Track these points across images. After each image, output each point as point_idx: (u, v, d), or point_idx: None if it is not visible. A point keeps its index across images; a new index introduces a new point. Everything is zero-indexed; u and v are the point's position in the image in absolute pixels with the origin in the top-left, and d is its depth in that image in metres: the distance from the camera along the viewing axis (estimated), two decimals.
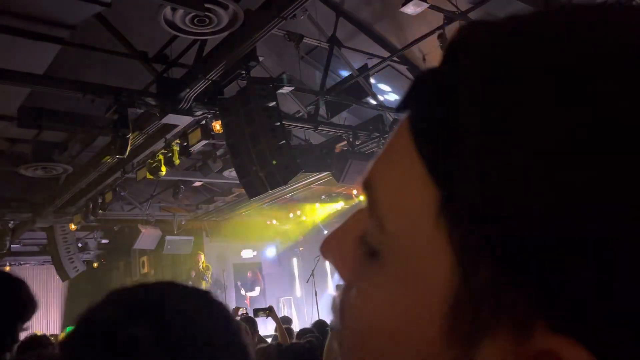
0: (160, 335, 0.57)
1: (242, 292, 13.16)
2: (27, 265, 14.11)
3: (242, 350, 0.63)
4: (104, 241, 14.07)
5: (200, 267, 12.36)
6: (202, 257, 12.51)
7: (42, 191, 9.71)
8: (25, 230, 11.14)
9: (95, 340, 0.59)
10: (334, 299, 0.32)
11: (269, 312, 4.90)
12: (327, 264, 9.33)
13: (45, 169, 7.90)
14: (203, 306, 0.64)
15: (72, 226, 10.93)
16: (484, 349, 0.24)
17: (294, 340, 3.66)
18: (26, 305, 1.37)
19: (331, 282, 12.52)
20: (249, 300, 12.83)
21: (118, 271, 14.70)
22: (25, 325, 1.37)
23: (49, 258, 12.03)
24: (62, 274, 11.45)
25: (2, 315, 1.30)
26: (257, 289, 13.06)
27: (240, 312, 5.84)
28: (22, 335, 1.44)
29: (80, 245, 12.64)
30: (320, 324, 5.39)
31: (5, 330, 1.30)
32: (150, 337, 0.56)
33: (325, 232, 13.67)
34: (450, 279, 0.25)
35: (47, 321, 14.05)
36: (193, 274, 12.18)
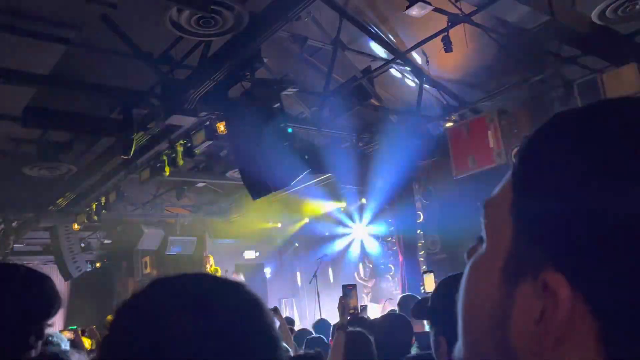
0: (206, 327, 0.59)
1: None
2: (30, 264, 14.09)
3: (273, 343, 0.65)
4: (106, 241, 14.09)
5: (208, 269, 12.34)
6: (211, 259, 12.47)
7: (46, 191, 9.74)
8: (29, 230, 11.17)
9: (142, 329, 0.60)
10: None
11: (274, 312, 4.90)
12: (329, 265, 9.35)
13: (50, 169, 7.93)
14: (242, 299, 0.67)
15: (76, 226, 10.96)
16: (520, 285, 0.41)
17: (301, 351, 3.67)
18: (52, 301, 1.37)
19: (333, 283, 12.52)
20: None
21: (120, 271, 14.71)
22: (50, 322, 1.37)
23: (51, 258, 12.05)
24: (65, 273, 11.46)
25: (29, 312, 1.29)
26: None
27: None
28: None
29: (83, 245, 12.66)
30: (321, 323, 5.35)
31: (32, 327, 1.30)
32: (196, 329, 0.59)
33: (327, 233, 13.67)
34: (509, 244, 0.42)
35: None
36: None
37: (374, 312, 8.66)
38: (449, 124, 7.69)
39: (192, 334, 0.58)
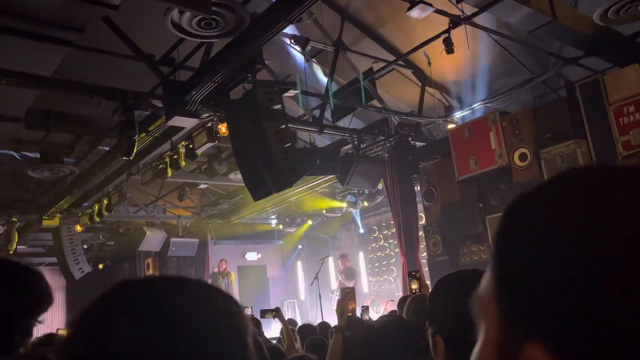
0: (141, 337, 0.58)
1: None
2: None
3: (242, 351, 0.63)
4: (109, 243, 14.12)
5: (216, 270, 12.28)
6: (225, 264, 12.43)
7: (49, 192, 9.77)
8: (32, 232, 11.20)
9: (81, 337, 0.61)
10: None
11: (276, 313, 4.89)
12: (331, 267, 9.30)
13: (52, 170, 7.95)
14: (201, 306, 0.64)
15: (78, 227, 10.99)
16: None
17: (303, 354, 3.66)
18: (41, 298, 1.32)
19: (334, 285, 12.52)
20: None
21: (123, 273, 14.74)
22: (40, 319, 1.33)
23: (54, 259, 12.07)
24: (68, 275, 11.49)
25: (16, 308, 1.25)
26: None
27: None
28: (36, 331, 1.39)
29: (85, 246, 12.68)
30: (324, 326, 5.39)
31: (20, 323, 1.26)
32: (128, 339, 0.58)
33: (327, 236, 13.67)
34: (499, 328, 0.47)
35: (51, 322, 14.10)
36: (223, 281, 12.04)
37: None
38: (450, 126, 7.69)
39: (119, 346, 0.58)
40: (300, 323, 10.89)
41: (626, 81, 5.73)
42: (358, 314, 4.77)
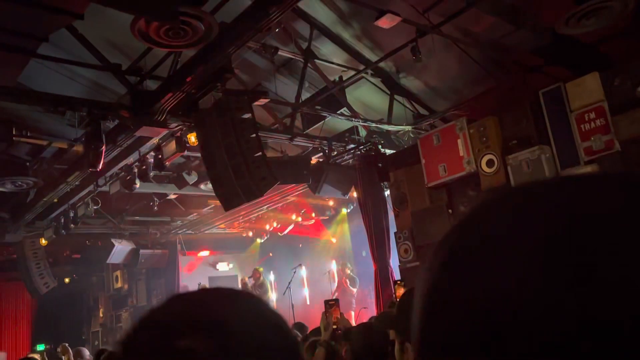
0: (220, 348, 0.59)
1: None
2: None
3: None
4: (75, 256, 13.77)
5: (253, 283, 11.80)
6: (258, 273, 11.85)
7: (11, 205, 9.49)
8: None
9: (154, 347, 0.60)
10: None
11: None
12: (303, 276, 9.21)
13: (15, 182, 7.73)
14: (263, 319, 0.67)
15: (43, 241, 10.68)
16: None
17: None
18: None
19: (307, 294, 12.48)
20: None
21: (91, 286, 14.40)
22: None
23: (18, 274, 11.70)
24: (33, 291, 11.15)
25: None
26: None
27: None
28: None
29: (50, 260, 12.33)
30: (299, 326, 5.59)
31: None
32: (208, 350, 0.58)
33: (300, 245, 13.64)
34: None
35: (16, 338, 13.64)
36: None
37: None
38: (420, 133, 7.79)
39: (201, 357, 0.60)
40: None
41: (587, 88, 5.91)
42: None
